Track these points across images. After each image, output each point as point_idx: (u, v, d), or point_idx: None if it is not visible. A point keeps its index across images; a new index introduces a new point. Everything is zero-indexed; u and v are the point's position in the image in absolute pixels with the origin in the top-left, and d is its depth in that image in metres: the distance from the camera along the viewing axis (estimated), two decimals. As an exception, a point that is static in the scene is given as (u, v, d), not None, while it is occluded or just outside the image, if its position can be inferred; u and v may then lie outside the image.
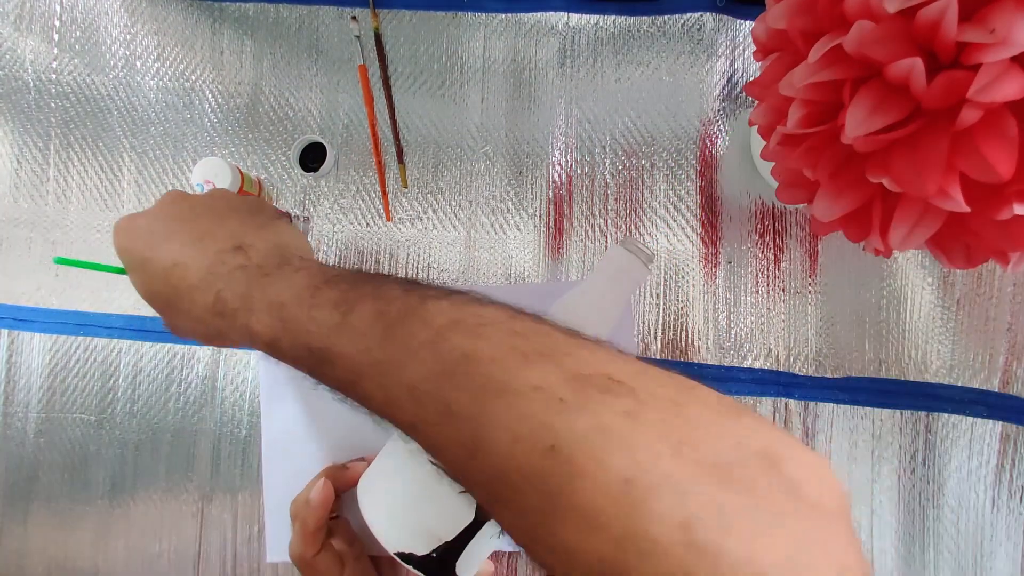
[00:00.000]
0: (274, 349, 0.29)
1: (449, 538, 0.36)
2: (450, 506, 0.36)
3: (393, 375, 0.24)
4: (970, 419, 0.45)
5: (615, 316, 0.41)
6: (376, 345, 0.25)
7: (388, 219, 0.49)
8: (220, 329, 0.31)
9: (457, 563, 0.36)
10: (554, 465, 0.19)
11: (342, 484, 0.43)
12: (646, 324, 0.47)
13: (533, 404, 0.21)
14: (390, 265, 0.49)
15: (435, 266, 0.49)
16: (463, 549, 0.36)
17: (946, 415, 0.46)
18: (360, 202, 0.50)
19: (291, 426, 0.48)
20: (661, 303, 0.47)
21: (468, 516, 0.36)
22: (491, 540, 0.38)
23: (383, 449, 0.40)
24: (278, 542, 0.48)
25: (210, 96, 0.50)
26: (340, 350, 0.26)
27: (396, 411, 0.24)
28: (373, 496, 0.37)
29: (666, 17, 0.48)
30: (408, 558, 0.35)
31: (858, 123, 0.25)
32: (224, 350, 0.49)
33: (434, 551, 0.35)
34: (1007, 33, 0.21)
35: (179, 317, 0.33)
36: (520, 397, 0.21)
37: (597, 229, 0.48)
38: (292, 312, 0.29)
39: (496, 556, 0.48)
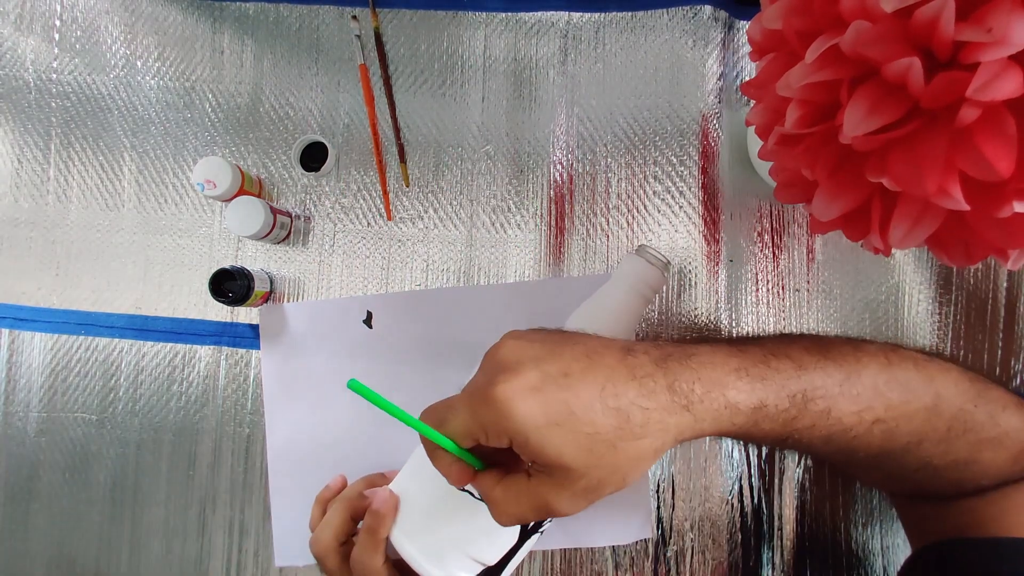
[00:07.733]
0: (755, 413, 0.30)
1: (492, 563, 0.36)
2: (494, 533, 0.36)
3: (864, 379, 0.32)
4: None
5: (632, 325, 0.41)
6: (836, 369, 0.32)
7: (389, 218, 0.49)
8: (682, 427, 0.29)
9: None
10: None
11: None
12: (647, 323, 0.47)
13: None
14: (391, 265, 0.49)
15: (436, 265, 0.49)
16: (505, 568, 0.37)
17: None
18: (361, 201, 0.50)
19: (296, 432, 0.48)
20: (662, 302, 0.48)
21: (512, 539, 0.36)
22: (526, 553, 0.38)
23: (411, 484, 0.39)
24: (286, 547, 0.48)
25: (210, 96, 0.50)
26: (818, 383, 0.31)
27: (867, 412, 0.31)
28: (414, 536, 0.36)
29: (666, 14, 0.48)
30: None
31: (856, 123, 0.25)
32: (224, 348, 0.49)
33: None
34: (1005, 32, 0.21)
35: (632, 446, 0.28)
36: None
37: (598, 227, 0.48)
38: (763, 371, 0.31)
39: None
